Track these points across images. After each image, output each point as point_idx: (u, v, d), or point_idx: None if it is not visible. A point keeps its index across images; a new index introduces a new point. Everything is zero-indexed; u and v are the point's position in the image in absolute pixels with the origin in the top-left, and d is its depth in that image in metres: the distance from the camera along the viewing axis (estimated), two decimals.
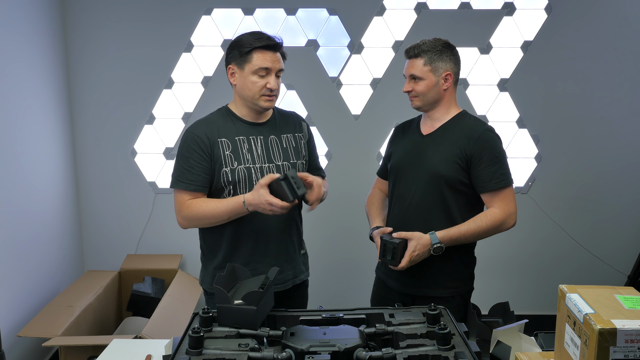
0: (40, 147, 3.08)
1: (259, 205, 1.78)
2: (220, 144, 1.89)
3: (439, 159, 1.98)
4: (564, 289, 1.24)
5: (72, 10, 3.31)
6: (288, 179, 1.75)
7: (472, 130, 1.98)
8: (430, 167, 1.98)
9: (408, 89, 2.01)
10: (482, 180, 1.95)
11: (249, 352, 1.37)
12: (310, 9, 3.34)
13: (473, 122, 2.02)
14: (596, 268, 3.53)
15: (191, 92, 3.42)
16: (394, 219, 2.08)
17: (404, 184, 2.05)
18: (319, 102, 3.41)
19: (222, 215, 1.86)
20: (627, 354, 1.07)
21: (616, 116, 3.41)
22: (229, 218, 1.87)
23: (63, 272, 3.29)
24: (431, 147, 2.01)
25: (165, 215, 3.48)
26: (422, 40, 2.00)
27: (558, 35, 3.33)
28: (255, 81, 1.87)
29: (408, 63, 2.01)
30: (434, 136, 2.02)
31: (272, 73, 1.88)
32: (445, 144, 1.99)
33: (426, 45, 1.97)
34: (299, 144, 2.03)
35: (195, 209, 1.87)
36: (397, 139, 2.17)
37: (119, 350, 1.89)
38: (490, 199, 1.97)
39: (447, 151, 1.97)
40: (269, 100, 1.90)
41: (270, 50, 1.88)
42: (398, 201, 2.07)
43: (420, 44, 1.99)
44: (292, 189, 1.75)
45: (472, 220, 1.95)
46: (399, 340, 1.45)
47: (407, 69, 2.01)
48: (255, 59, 1.86)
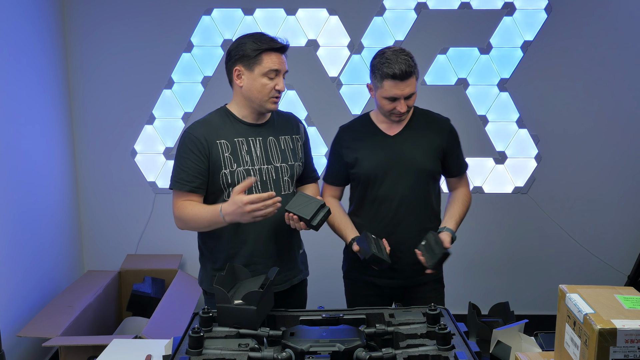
0: (40, 147, 3.08)
1: (236, 212, 1.74)
2: (219, 146, 1.89)
3: (421, 155, 2.08)
4: (564, 289, 1.24)
5: (72, 11, 3.31)
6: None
7: (439, 123, 2.15)
8: (415, 164, 2.07)
9: (406, 109, 2.01)
10: (455, 166, 2.17)
11: (249, 352, 1.37)
12: (310, 9, 3.34)
13: (433, 115, 2.17)
14: (596, 268, 3.53)
15: (191, 92, 3.42)
16: (381, 223, 2.09)
17: (386, 186, 2.07)
18: (319, 102, 3.41)
19: (203, 222, 1.85)
20: (627, 354, 1.07)
21: (616, 116, 3.41)
22: (209, 227, 1.86)
23: (63, 272, 3.29)
24: (406, 145, 2.08)
25: (165, 215, 3.48)
26: (400, 58, 1.95)
27: (558, 35, 3.33)
28: (266, 83, 1.87)
29: (402, 84, 1.95)
30: (404, 135, 2.10)
31: (281, 75, 1.90)
32: (421, 140, 2.09)
33: (412, 62, 1.97)
34: (296, 145, 2.03)
35: (184, 211, 1.87)
36: (354, 144, 2.12)
37: (119, 350, 1.89)
38: (458, 180, 2.20)
39: (426, 146, 2.09)
40: (276, 102, 1.92)
41: (279, 52, 1.89)
42: (382, 204, 2.08)
43: (405, 61, 1.95)
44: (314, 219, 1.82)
45: (457, 203, 2.15)
46: (399, 340, 1.45)
47: (404, 90, 1.97)
48: (265, 61, 1.86)
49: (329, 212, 1.85)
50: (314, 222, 1.80)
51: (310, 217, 1.80)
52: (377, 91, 2.02)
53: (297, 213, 1.81)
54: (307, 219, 1.79)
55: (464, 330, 1.51)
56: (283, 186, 1.96)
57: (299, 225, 1.84)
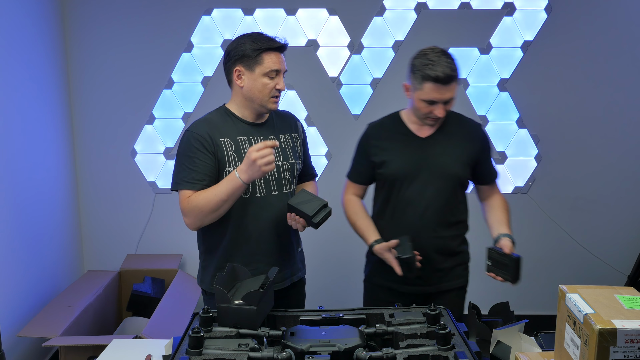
0: (40, 147, 3.08)
1: (246, 165, 1.73)
2: (224, 144, 1.89)
3: (451, 160, 2.01)
4: (564, 289, 1.24)
5: (72, 11, 3.31)
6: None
7: (472, 128, 2.09)
8: (444, 169, 2.00)
9: (443, 114, 1.94)
10: (487, 173, 2.12)
11: (249, 352, 1.37)
12: (310, 9, 3.34)
13: (465, 120, 2.11)
14: (596, 268, 3.53)
15: (191, 92, 3.42)
16: (407, 226, 2.02)
17: (413, 189, 2.01)
18: (319, 102, 3.41)
19: (222, 194, 1.78)
20: (627, 354, 1.07)
21: (616, 116, 3.41)
22: (228, 197, 1.79)
23: (63, 272, 3.29)
24: (437, 149, 2.02)
25: (165, 215, 3.48)
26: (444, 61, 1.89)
27: (558, 35, 3.33)
28: (266, 83, 1.87)
29: (443, 88, 1.88)
30: (436, 138, 2.03)
31: (281, 74, 1.90)
32: (453, 144, 2.03)
33: (454, 65, 1.90)
34: (295, 143, 2.03)
35: (196, 199, 1.82)
36: (383, 143, 2.07)
37: (119, 350, 1.89)
38: (490, 189, 2.15)
39: (457, 152, 2.02)
40: (276, 102, 1.92)
41: (279, 52, 1.90)
42: (407, 206, 2.03)
43: (449, 64, 1.89)
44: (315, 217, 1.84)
45: (501, 211, 2.10)
46: (399, 340, 1.45)
47: (444, 94, 1.89)
48: (266, 61, 1.86)
49: (330, 213, 1.84)
50: (315, 220, 1.80)
51: (312, 214, 1.80)
52: (415, 92, 1.94)
53: (299, 208, 1.81)
54: (310, 215, 1.80)
55: (464, 330, 1.51)
56: (285, 184, 1.96)
57: (300, 223, 1.85)
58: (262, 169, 1.72)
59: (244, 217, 1.90)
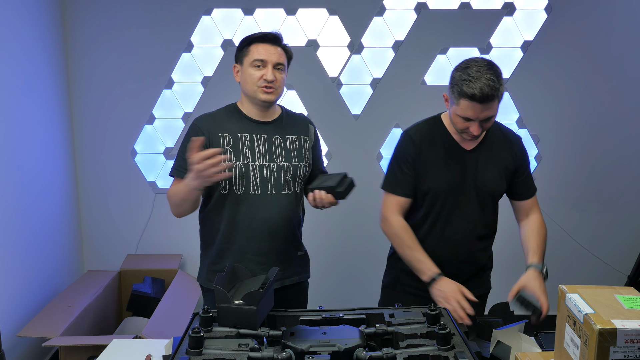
0: (40, 147, 3.07)
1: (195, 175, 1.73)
2: (222, 138, 1.91)
3: (493, 175, 1.94)
4: (564, 289, 1.24)
5: (72, 11, 3.31)
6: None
7: (511, 141, 1.99)
8: (487, 183, 1.93)
9: (479, 132, 1.82)
10: (526, 188, 2.01)
11: (249, 352, 1.37)
12: (310, 9, 3.34)
13: (506, 132, 2.02)
14: (596, 268, 3.53)
15: (191, 92, 3.42)
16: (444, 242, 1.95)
17: (456, 203, 1.93)
18: (319, 102, 3.41)
19: (180, 194, 1.85)
20: (627, 354, 1.07)
21: (616, 116, 3.41)
22: (186, 197, 1.85)
23: (63, 272, 3.29)
24: (479, 163, 1.93)
25: (165, 215, 3.47)
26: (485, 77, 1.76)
27: (558, 35, 3.33)
28: (252, 73, 1.90)
29: (479, 107, 1.76)
30: (479, 151, 1.94)
31: (269, 65, 1.90)
32: (492, 158, 1.95)
33: (496, 83, 1.78)
34: (303, 146, 2.02)
35: (170, 191, 1.92)
36: (426, 154, 1.93)
37: (119, 350, 1.89)
38: (530, 204, 2.02)
39: (498, 165, 1.95)
40: (267, 93, 1.91)
41: (267, 43, 1.92)
42: (448, 223, 1.94)
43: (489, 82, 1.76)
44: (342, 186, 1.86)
45: (538, 234, 1.96)
46: (399, 340, 1.45)
47: (480, 114, 1.77)
48: (252, 52, 1.92)
49: (354, 183, 1.87)
50: (339, 189, 1.83)
51: (336, 184, 1.84)
52: (452, 106, 1.84)
53: (322, 185, 1.86)
54: (333, 185, 1.84)
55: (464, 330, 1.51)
56: (284, 185, 1.96)
57: (326, 199, 1.86)
58: (211, 178, 1.74)
59: (237, 213, 1.92)
